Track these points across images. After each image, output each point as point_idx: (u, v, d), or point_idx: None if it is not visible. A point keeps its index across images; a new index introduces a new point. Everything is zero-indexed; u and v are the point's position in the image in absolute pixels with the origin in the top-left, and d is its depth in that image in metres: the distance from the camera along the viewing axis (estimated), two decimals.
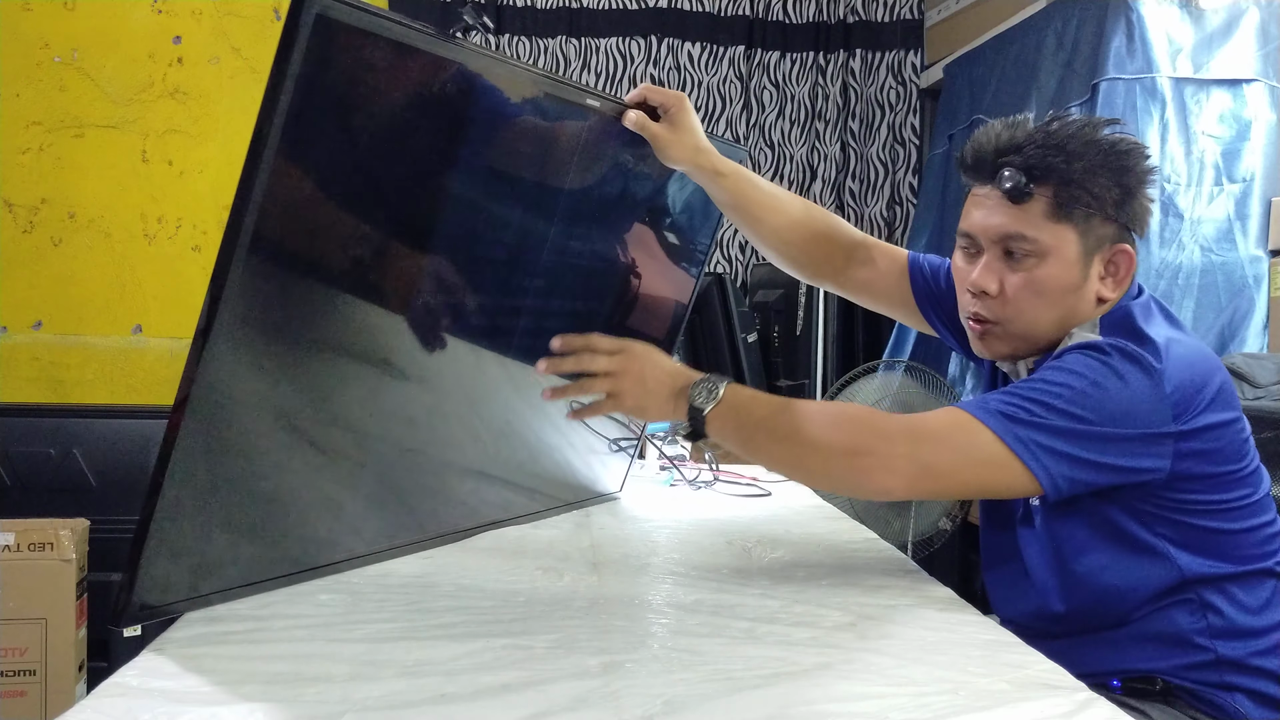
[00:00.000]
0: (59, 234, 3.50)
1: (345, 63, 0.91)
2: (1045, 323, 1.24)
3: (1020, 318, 1.24)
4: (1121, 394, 1.13)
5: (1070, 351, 1.18)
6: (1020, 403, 1.13)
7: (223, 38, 3.52)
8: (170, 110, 3.51)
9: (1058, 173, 1.20)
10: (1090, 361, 1.15)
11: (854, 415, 1.19)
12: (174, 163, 3.52)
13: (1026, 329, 1.24)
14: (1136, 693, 1.22)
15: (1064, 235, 1.21)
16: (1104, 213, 1.21)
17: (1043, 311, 1.23)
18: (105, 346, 3.52)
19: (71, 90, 3.48)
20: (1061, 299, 1.22)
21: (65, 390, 3.49)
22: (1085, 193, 1.20)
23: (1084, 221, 1.21)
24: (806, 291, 2.99)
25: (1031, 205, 1.21)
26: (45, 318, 3.51)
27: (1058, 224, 1.21)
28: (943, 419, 1.15)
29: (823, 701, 0.81)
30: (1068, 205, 1.20)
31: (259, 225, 0.88)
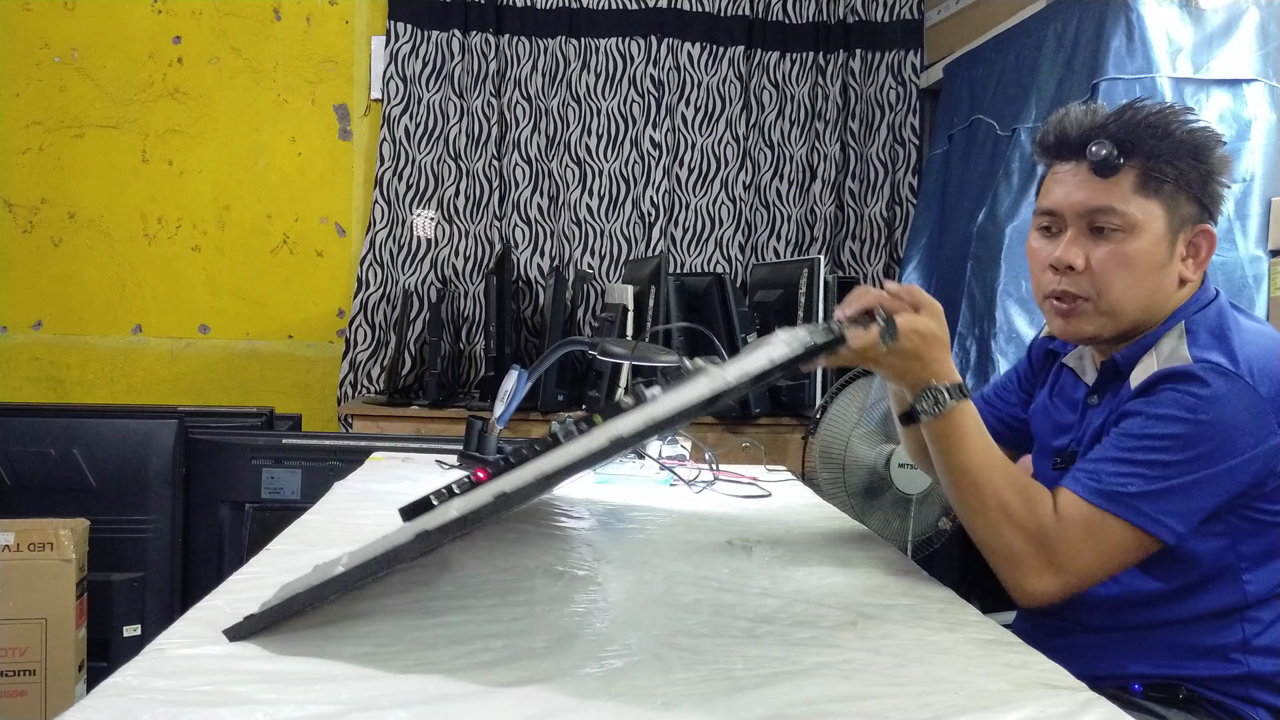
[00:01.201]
0: (59, 234, 3.50)
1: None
2: (1132, 299, 1.23)
3: (1109, 292, 1.23)
4: (1225, 419, 1.14)
5: (1162, 388, 1.17)
6: (1134, 470, 1.15)
7: (223, 38, 3.52)
8: (170, 110, 3.51)
9: (1146, 147, 1.20)
10: (1186, 399, 1.15)
11: (1021, 518, 1.17)
12: (174, 163, 3.53)
13: (1114, 305, 1.23)
14: (1158, 698, 1.22)
15: (1152, 210, 1.21)
16: (1189, 191, 1.22)
17: (1130, 286, 1.22)
18: (105, 346, 3.52)
19: (71, 90, 3.48)
20: (1147, 275, 1.22)
21: (65, 390, 3.49)
22: (1173, 168, 1.20)
23: (1171, 198, 1.21)
24: (807, 292, 2.99)
25: (1120, 179, 1.21)
26: (45, 318, 3.51)
27: (1146, 199, 1.21)
28: (1075, 521, 1.15)
29: (823, 701, 0.81)
30: (1156, 180, 1.21)
31: None
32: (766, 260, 3.57)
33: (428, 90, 3.49)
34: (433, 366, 3.11)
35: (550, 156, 3.53)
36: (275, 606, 0.91)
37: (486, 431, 1.90)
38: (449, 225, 3.51)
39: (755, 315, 3.13)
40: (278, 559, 1.22)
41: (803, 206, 3.61)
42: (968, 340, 2.75)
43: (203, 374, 3.54)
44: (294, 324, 3.56)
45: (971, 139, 3.00)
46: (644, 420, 0.87)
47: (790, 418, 3.06)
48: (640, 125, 3.54)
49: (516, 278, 3.35)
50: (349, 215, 3.57)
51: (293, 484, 2.54)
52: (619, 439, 0.86)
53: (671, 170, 3.56)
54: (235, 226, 3.54)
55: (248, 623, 0.91)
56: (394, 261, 3.48)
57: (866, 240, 3.60)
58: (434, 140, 3.50)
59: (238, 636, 0.90)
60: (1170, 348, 1.21)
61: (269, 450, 2.56)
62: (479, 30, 3.49)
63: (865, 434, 2.56)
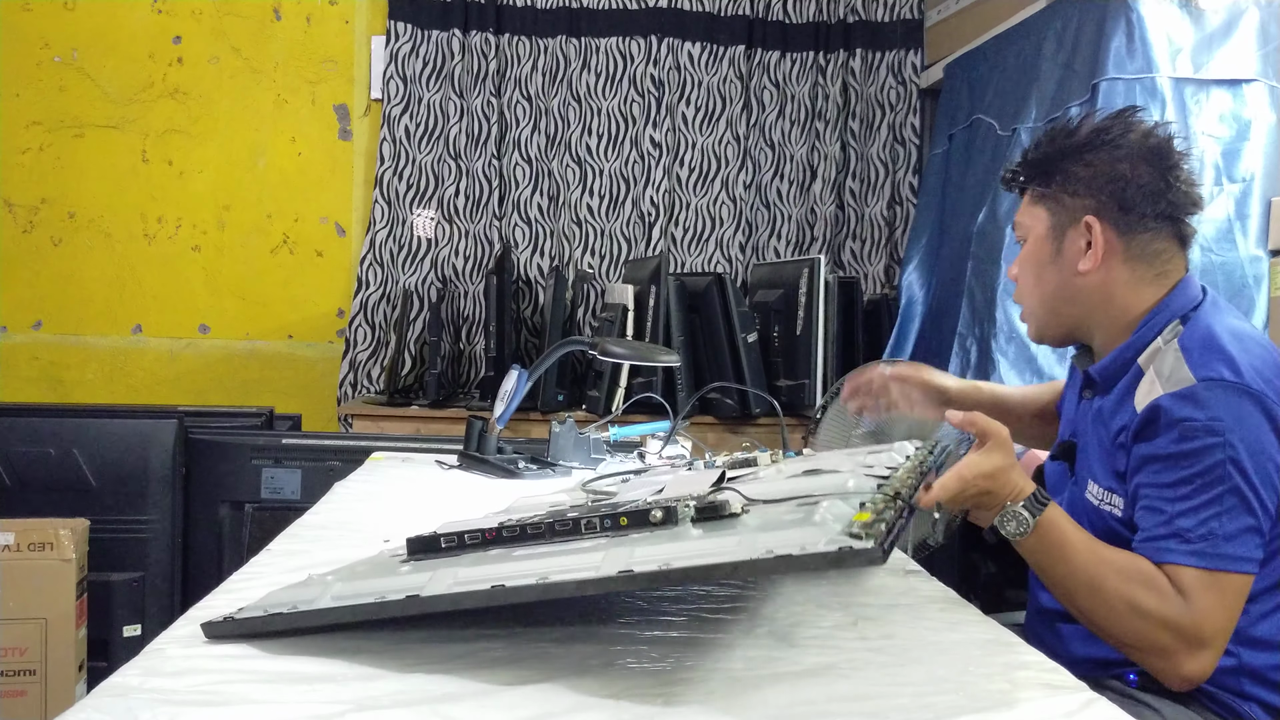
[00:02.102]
0: (59, 234, 3.50)
1: None
2: (1036, 299, 1.38)
3: (1023, 296, 1.40)
4: (1247, 434, 1.18)
5: (1180, 419, 1.19)
6: (1208, 512, 1.17)
7: (223, 38, 3.52)
8: (170, 110, 3.51)
9: (1034, 165, 1.37)
10: (1205, 425, 1.18)
11: (1153, 611, 1.17)
12: (174, 163, 3.52)
13: (1028, 306, 1.40)
14: (1151, 688, 1.23)
15: (1038, 215, 1.36)
16: (1070, 190, 1.32)
17: (1031, 286, 1.38)
18: (105, 346, 3.52)
19: (71, 90, 3.48)
20: (1041, 273, 1.36)
21: (65, 390, 3.49)
22: (1056, 174, 1.33)
23: (1054, 201, 1.34)
24: (807, 291, 2.99)
25: (1028, 196, 1.38)
26: (45, 318, 3.51)
27: (1035, 207, 1.37)
28: (1198, 592, 1.16)
29: (823, 701, 0.80)
30: (1042, 188, 1.35)
31: None
32: (767, 260, 3.57)
33: (428, 90, 3.49)
34: (433, 366, 3.11)
35: (550, 156, 3.53)
36: (256, 619, 0.90)
37: (486, 431, 1.90)
38: (449, 225, 3.50)
39: (755, 315, 3.13)
40: (278, 559, 1.22)
41: (803, 206, 3.61)
42: (968, 340, 2.75)
43: (203, 374, 3.54)
44: (294, 324, 3.56)
45: (972, 139, 3.00)
46: (660, 563, 0.81)
47: (790, 418, 3.05)
48: (640, 125, 3.54)
49: (516, 278, 3.35)
50: (349, 215, 3.57)
51: (293, 484, 2.54)
52: (629, 575, 0.81)
53: (672, 170, 3.56)
54: (235, 226, 3.54)
55: (226, 624, 0.91)
56: (394, 261, 3.48)
57: (867, 240, 3.60)
58: (434, 140, 3.50)
59: (215, 635, 0.90)
60: (1170, 367, 1.23)
61: (269, 450, 2.56)
62: (479, 30, 3.49)
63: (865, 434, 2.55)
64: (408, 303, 3.39)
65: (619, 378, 2.97)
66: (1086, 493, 1.32)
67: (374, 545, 1.29)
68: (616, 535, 0.92)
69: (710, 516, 0.90)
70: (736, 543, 0.81)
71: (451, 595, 0.84)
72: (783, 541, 0.78)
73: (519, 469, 1.83)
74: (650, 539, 0.88)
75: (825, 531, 0.79)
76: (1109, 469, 1.29)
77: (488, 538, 0.95)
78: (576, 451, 1.91)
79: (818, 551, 0.76)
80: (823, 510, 0.86)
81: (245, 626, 0.89)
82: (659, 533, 0.90)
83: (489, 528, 0.96)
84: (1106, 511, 1.28)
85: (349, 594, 0.89)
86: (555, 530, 0.94)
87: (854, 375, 1.62)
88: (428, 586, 0.86)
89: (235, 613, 0.92)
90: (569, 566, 0.84)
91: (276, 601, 0.92)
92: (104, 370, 3.52)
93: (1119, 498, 1.27)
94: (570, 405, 3.10)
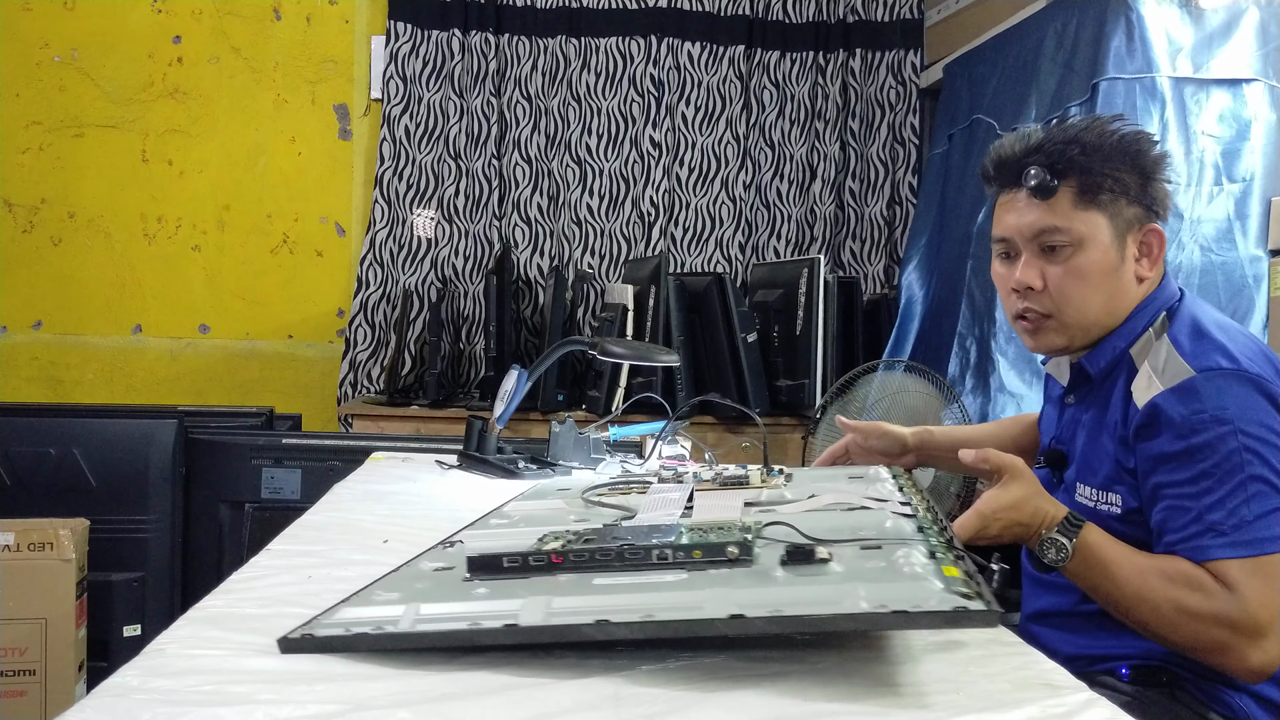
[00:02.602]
0: (59, 234, 3.50)
1: None
2: (1093, 307, 1.30)
3: (1069, 306, 1.30)
4: (1254, 417, 1.18)
5: (1185, 415, 1.19)
6: (1234, 501, 1.16)
7: (222, 37, 3.52)
8: (170, 110, 3.52)
9: (1078, 164, 1.27)
10: (1216, 412, 1.18)
11: (1203, 610, 1.16)
12: (174, 162, 3.53)
13: (1077, 317, 1.31)
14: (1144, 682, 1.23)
15: (1094, 221, 1.28)
16: (1128, 196, 1.28)
17: (1089, 296, 1.29)
18: (105, 346, 3.52)
19: (71, 90, 3.48)
20: (1104, 282, 1.29)
21: (65, 390, 3.49)
22: (1108, 178, 1.27)
23: (1110, 206, 1.28)
24: (807, 291, 2.99)
25: (1059, 198, 1.29)
26: (45, 318, 3.51)
27: (1086, 211, 1.28)
28: (1244, 583, 1.15)
29: (823, 701, 0.80)
30: (1092, 192, 1.27)
31: None
32: (766, 260, 3.57)
33: (428, 90, 3.49)
34: (433, 366, 3.11)
35: (550, 156, 3.53)
36: (337, 637, 0.85)
37: (486, 431, 1.90)
38: (449, 225, 3.51)
39: (755, 315, 3.13)
40: (278, 559, 1.22)
41: (803, 206, 3.61)
42: (968, 340, 2.75)
43: (203, 374, 3.54)
44: (294, 324, 3.56)
45: (971, 139, 3.00)
46: (770, 609, 0.80)
47: (790, 418, 3.06)
48: (640, 125, 3.54)
49: (516, 278, 3.35)
50: (349, 215, 3.58)
51: (293, 484, 2.54)
52: (741, 619, 0.80)
53: (671, 170, 3.56)
54: (235, 226, 3.54)
55: (305, 641, 0.86)
56: (394, 261, 3.48)
57: (866, 240, 3.60)
58: (434, 140, 3.50)
59: (290, 650, 0.86)
60: (1164, 362, 1.23)
61: (269, 450, 2.56)
62: (479, 30, 3.49)
63: None
64: (408, 303, 3.39)
65: (619, 378, 2.97)
66: (1077, 496, 1.32)
67: (374, 545, 1.29)
68: (694, 569, 0.92)
69: (800, 561, 0.91)
70: (836, 592, 0.83)
71: (554, 627, 0.82)
72: (889, 596, 0.81)
73: (519, 469, 1.83)
74: (742, 579, 0.88)
75: (927, 588, 0.82)
76: (1104, 466, 1.29)
77: (554, 561, 0.94)
78: (576, 451, 1.91)
79: (932, 610, 0.79)
80: (905, 559, 0.90)
81: (325, 645, 0.85)
82: (740, 571, 0.90)
83: (554, 550, 0.95)
84: (1104, 511, 1.28)
85: (437, 617, 0.86)
86: (624, 558, 0.93)
87: (828, 452, 1.67)
88: (522, 615, 0.84)
89: (311, 628, 0.87)
90: (669, 604, 0.83)
91: (356, 619, 0.87)
92: (104, 370, 3.52)
93: (1116, 495, 1.27)
94: (570, 405, 3.10)
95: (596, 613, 0.83)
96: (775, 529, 1.02)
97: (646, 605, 0.83)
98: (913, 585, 0.83)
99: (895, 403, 2.57)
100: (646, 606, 0.83)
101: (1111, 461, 1.28)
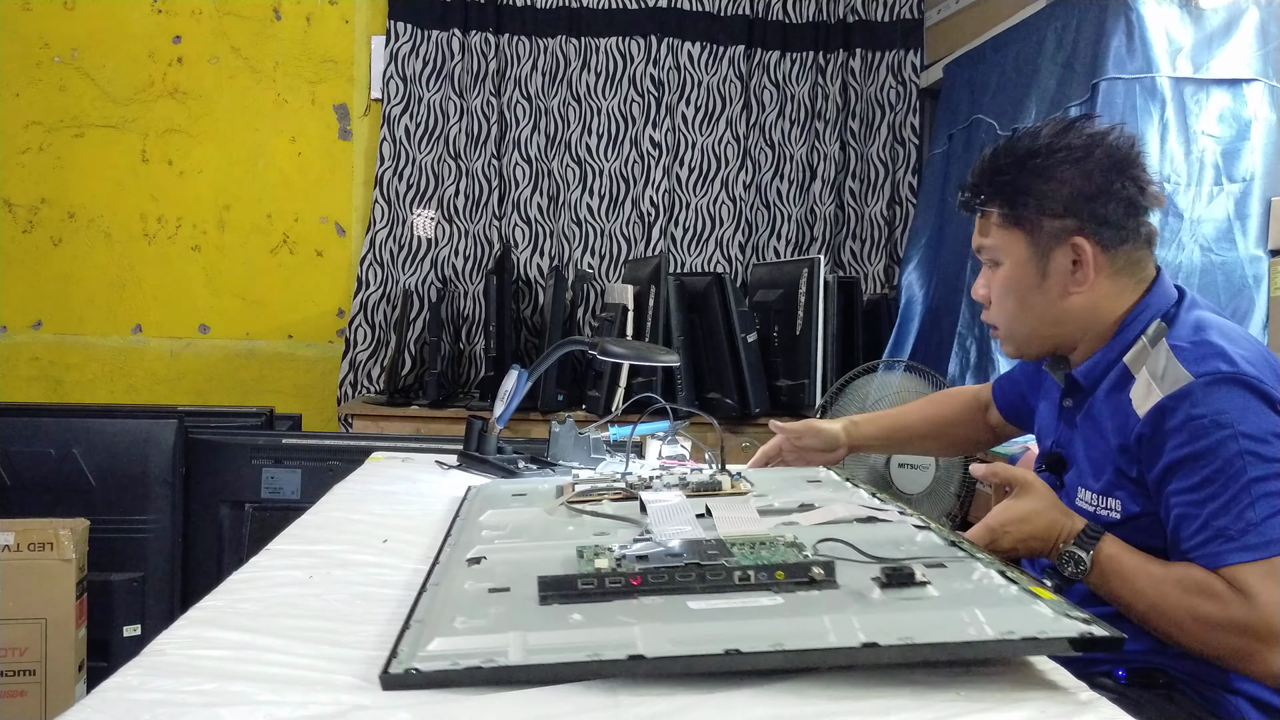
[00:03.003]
0: (59, 234, 3.50)
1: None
2: (1023, 322, 1.34)
3: (1003, 318, 1.36)
4: (1254, 421, 1.17)
5: (1188, 420, 1.19)
6: (1243, 505, 1.16)
7: (222, 38, 3.52)
8: (170, 110, 3.51)
9: (1000, 186, 1.31)
10: (1212, 420, 1.18)
11: (1220, 618, 1.15)
12: (174, 162, 3.53)
13: (1011, 328, 1.36)
14: (1140, 684, 1.23)
15: (1013, 238, 1.32)
16: (1050, 211, 1.28)
17: (1014, 311, 1.34)
18: (105, 346, 3.52)
19: (71, 90, 3.48)
20: (1027, 297, 1.32)
21: (65, 390, 3.49)
22: (1029, 197, 1.29)
23: (1032, 223, 1.30)
24: (806, 291, 2.99)
25: (989, 218, 1.33)
26: (45, 318, 3.51)
27: (1007, 230, 1.32)
28: (1257, 587, 1.14)
29: (823, 701, 0.80)
30: (1014, 211, 1.31)
31: None
32: (766, 260, 3.57)
33: (428, 90, 3.49)
34: (433, 366, 3.11)
35: (550, 156, 3.53)
36: (443, 671, 0.81)
37: (486, 431, 1.90)
38: (449, 225, 3.51)
39: (755, 315, 3.13)
40: (278, 559, 1.22)
41: (803, 206, 3.61)
42: (968, 340, 2.75)
43: (203, 374, 3.54)
44: (294, 324, 3.57)
45: (971, 139, 3.00)
46: (901, 638, 0.82)
47: (790, 418, 3.05)
48: (640, 125, 3.54)
49: (516, 278, 3.35)
50: (349, 215, 3.58)
51: (292, 484, 2.54)
52: (874, 647, 0.81)
53: (671, 170, 3.56)
54: (235, 226, 3.54)
55: (411, 677, 0.81)
56: (394, 261, 3.48)
57: (866, 240, 3.60)
58: (434, 140, 3.50)
59: (393, 687, 0.81)
60: (1163, 368, 1.23)
61: (269, 450, 2.56)
62: (479, 30, 3.49)
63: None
64: (408, 303, 3.39)
65: (619, 378, 2.97)
66: (1078, 500, 1.31)
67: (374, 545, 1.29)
68: (780, 590, 0.92)
69: (900, 584, 0.91)
70: (951, 618, 0.84)
71: (685, 658, 0.81)
72: (1008, 621, 0.83)
73: (519, 469, 1.83)
74: (843, 603, 0.88)
75: (1038, 612, 0.85)
76: (1104, 471, 1.29)
77: (633, 584, 0.93)
78: (576, 451, 1.91)
79: (1062, 636, 0.82)
80: (987, 580, 0.95)
81: (433, 680, 0.81)
82: (835, 594, 0.91)
83: (633, 573, 0.94)
84: (1104, 516, 1.27)
85: (551, 648, 0.83)
86: (706, 579, 0.93)
87: (761, 452, 1.73)
88: (643, 644, 0.82)
89: (411, 662, 0.82)
90: (793, 632, 0.83)
91: (457, 651, 0.83)
92: (104, 370, 3.52)
93: (1116, 500, 1.27)
94: (570, 405, 3.10)
95: (723, 641, 0.82)
96: (829, 545, 1.03)
97: (771, 634, 0.82)
98: (1021, 609, 0.86)
99: (896, 402, 2.57)
100: (772, 635, 0.82)
101: (1112, 468, 1.27)
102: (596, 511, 1.31)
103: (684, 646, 0.82)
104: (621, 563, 0.98)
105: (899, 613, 0.87)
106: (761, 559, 0.98)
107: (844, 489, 1.43)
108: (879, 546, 1.02)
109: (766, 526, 1.15)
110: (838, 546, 1.02)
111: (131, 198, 3.51)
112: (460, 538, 1.22)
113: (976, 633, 0.82)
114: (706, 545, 1.02)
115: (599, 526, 1.24)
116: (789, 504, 1.28)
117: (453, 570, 1.06)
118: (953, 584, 0.93)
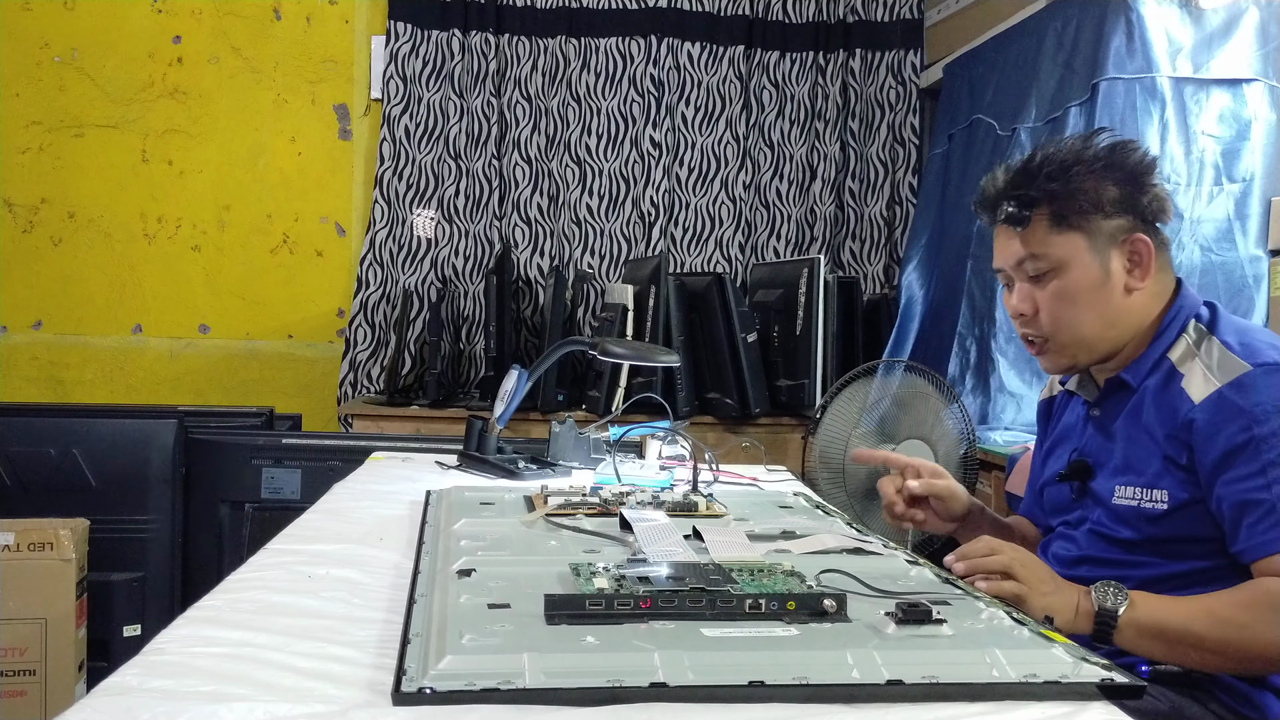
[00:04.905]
0: (59, 234, 3.50)
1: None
2: (1088, 325, 1.33)
3: (1063, 328, 1.34)
4: None
5: (1253, 406, 1.20)
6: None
7: (222, 37, 3.52)
8: (170, 110, 3.52)
9: (1046, 190, 1.31)
10: (1274, 406, 1.19)
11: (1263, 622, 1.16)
12: (174, 162, 3.53)
13: (1072, 336, 1.34)
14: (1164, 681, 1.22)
15: (1071, 241, 1.31)
16: (1104, 210, 1.30)
17: (1079, 315, 1.33)
18: (105, 346, 3.52)
19: (71, 90, 3.48)
20: (1093, 299, 1.32)
21: (65, 390, 3.49)
22: (1079, 198, 1.30)
23: (1086, 223, 1.30)
24: (806, 291, 2.99)
25: (1034, 226, 1.32)
26: (45, 318, 3.51)
27: (1062, 234, 1.31)
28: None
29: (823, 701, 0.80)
30: (1065, 214, 1.31)
31: None
32: (766, 260, 3.57)
33: (428, 90, 3.49)
34: (433, 366, 3.11)
35: (550, 156, 3.53)
36: (458, 692, 0.79)
37: (486, 431, 1.90)
38: (449, 225, 3.51)
39: (755, 315, 3.13)
40: (277, 559, 1.21)
41: (803, 206, 3.61)
42: (968, 340, 2.75)
43: (203, 374, 3.54)
44: (294, 324, 3.57)
45: (971, 139, 3.00)
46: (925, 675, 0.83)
47: (790, 418, 3.06)
48: (640, 125, 3.54)
49: (516, 278, 3.35)
50: (349, 215, 3.58)
51: (292, 484, 2.54)
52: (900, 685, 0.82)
53: (671, 170, 3.56)
54: (235, 226, 3.54)
55: (424, 696, 0.79)
56: (394, 261, 3.48)
57: (866, 240, 3.60)
58: (434, 140, 3.50)
59: (405, 703, 0.79)
60: (1218, 360, 1.25)
61: (269, 450, 2.56)
62: (479, 30, 3.49)
63: (864, 434, 2.56)
64: (408, 303, 3.39)
65: (619, 378, 2.97)
66: (1115, 499, 1.31)
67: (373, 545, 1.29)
68: (793, 620, 0.92)
69: (915, 620, 0.92)
70: (970, 657, 0.86)
71: (707, 688, 0.81)
72: (1027, 663, 0.85)
73: (519, 469, 1.83)
74: (861, 637, 0.89)
75: (1054, 656, 0.87)
76: (1151, 464, 1.28)
77: (642, 607, 0.93)
78: (576, 451, 1.91)
79: (1083, 681, 0.83)
80: (997, 620, 0.96)
81: (449, 699, 0.79)
82: (851, 627, 0.91)
83: (640, 595, 0.94)
84: (1148, 509, 1.27)
85: (569, 671, 0.81)
86: (716, 605, 0.93)
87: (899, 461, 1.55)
88: (665, 671, 0.81)
89: (424, 681, 0.80)
90: (817, 664, 0.83)
91: (470, 671, 0.81)
92: (104, 370, 3.52)
93: (1162, 491, 1.26)
94: (570, 405, 3.10)
95: (745, 672, 0.81)
96: (830, 577, 1.03)
97: (792, 665, 0.83)
98: (1040, 652, 0.87)
99: (896, 402, 2.57)
100: (793, 667, 0.82)
101: (1159, 459, 1.27)
102: (577, 528, 1.30)
103: (706, 676, 0.82)
104: (622, 583, 0.98)
105: (918, 649, 0.87)
106: (765, 587, 0.98)
107: (818, 516, 1.43)
108: (877, 581, 1.03)
109: (759, 553, 1.15)
110: (840, 578, 1.02)
111: (131, 198, 3.51)
112: (436, 547, 1.20)
113: (1000, 674, 0.83)
114: (708, 570, 1.01)
115: (583, 543, 1.23)
116: (770, 530, 1.29)
117: (442, 582, 1.04)
118: (964, 622, 0.94)
